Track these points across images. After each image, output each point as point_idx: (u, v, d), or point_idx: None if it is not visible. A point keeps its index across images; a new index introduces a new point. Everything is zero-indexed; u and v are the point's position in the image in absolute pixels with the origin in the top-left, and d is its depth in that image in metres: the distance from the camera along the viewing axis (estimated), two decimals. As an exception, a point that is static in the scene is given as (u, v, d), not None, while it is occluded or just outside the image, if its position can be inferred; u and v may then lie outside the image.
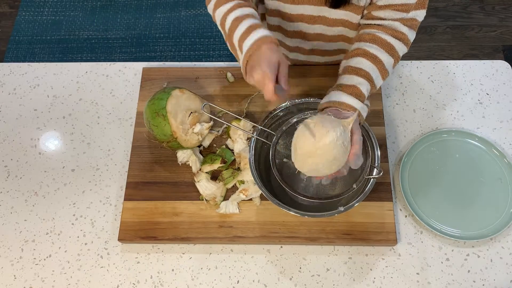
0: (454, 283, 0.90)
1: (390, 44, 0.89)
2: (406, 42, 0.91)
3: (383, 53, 0.89)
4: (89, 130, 1.09)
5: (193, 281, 0.92)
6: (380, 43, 0.89)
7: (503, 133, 1.05)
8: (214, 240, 0.94)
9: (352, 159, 0.79)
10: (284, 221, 0.94)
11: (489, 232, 0.93)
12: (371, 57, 0.88)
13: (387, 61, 0.89)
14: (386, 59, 0.89)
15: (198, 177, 0.98)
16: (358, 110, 0.84)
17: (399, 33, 0.90)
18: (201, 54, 2.22)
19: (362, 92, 0.85)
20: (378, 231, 0.92)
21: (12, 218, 1.00)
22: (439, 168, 1.00)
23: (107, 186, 1.02)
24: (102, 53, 2.24)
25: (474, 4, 2.28)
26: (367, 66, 0.87)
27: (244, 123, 1.01)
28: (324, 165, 0.78)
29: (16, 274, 0.94)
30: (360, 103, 0.85)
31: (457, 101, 1.09)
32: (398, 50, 0.90)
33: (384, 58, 0.89)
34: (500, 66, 1.13)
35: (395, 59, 0.91)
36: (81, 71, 1.17)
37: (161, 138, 0.97)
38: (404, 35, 0.90)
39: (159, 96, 0.97)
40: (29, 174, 1.05)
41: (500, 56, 2.13)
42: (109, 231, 0.98)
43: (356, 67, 0.87)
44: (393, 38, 0.90)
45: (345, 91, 0.85)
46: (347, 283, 0.91)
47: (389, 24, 0.90)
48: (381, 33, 0.90)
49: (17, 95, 1.15)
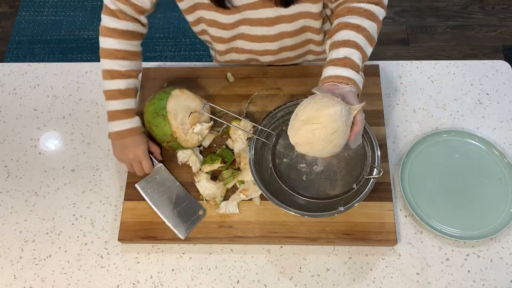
0: (454, 283, 0.90)
1: (368, 10, 0.87)
2: (382, 5, 0.89)
3: (364, 20, 0.87)
4: (89, 130, 1.09)
5: (193, 281, 0.92)
6: (357, 12, 0.87)
7: (503, 133, 1.05)
8: (214, 240, 0.94)
9: (353, 137, 0.78)
10: (284, 221, 0.94)
11: (489, 232, 0.93)
12: (354, 27, 0.86)
13: (371, 26, 0.87)
14: (369, 25, 0.87)
15: (198, 177, 0.98)
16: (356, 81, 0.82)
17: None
18: (201, 54, 2.22)
19: (355, 62, 0.83)
20: (378, 231, 0.92)
21: (12, 218, 1.00)
22: (439, 168, 1.00)
23: (107, 186, 1.02)
24: (102, 53, 2.24)
25: (474, 4, 2.28)
26: (352, 36, 0.85)
27: (244, 123, 1.01)
28: (321, 138, 0.75)
29: (16, 274, 0.94)
30: (356, 74, 0.83)
31: (457, 101, 1.09)
32: (377, 14, 0.88)
33: (367, 24, 0.86)
34: (500, 66, 1.13)
35: (377, 23, 0.88)
36: (81, 71, 1.17)
37: (161, 138, 0.97)
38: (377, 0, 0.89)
39: (159, 96, 0.97)
40: (29, 174, 1.05)
41: (500, 56, 2.13)
42: (109, 231, 0.98)
43: (341, 40, 0.85)
44: (369, 4, 0.87)
45: (338, 65, 0.83)
46: (347, 283, 0.91)
47: None
48: (355, 3, 0.88)
49: (17, 95, 1.15)
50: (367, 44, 0.87)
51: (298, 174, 0.93)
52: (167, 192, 0.97)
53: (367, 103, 0.85)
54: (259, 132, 0.93)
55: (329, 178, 0.93)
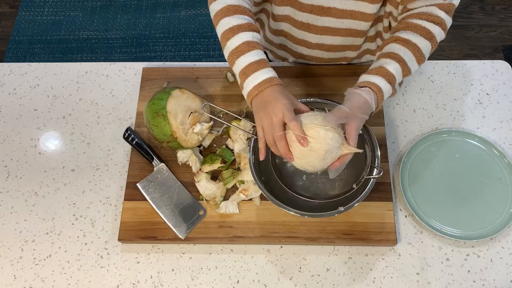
0: (454, 283, 0.90)
1: (425, 28, 0.85)
2: (443, 26, 0.87)
3: (416, 37, 0.84)
4: (89, 130, 1.09)
5: (193, 281, 0.92)
6: (414, 28, 0.85)
7: (503, 133, 1.05)
8: (214, 240, 0.94)
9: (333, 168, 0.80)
10: (284, 221, 0.94)
11: (489, 232, 0.93)
12: (402, 41, 0.85)
13: (423, 44, 0.85)
14: (421, 42, 0.85)
15: (198, 177, 0.98)
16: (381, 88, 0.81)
17: (435, 17, 0.85)
18: (201, 54, 2.22)
19: (389, 71, 0.82)
20: (378, 231, 0.92)
21: (12, 218, 1.00)
22: (439, 168, 1.00)
23: (107, 186, 1.02)
24: (102, 53, 2.24)
25: (474, 4, 2.28)
26: (397, 49, 0.84)
27: (244, 123, 1.01)
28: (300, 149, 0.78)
29: (16, 274, 0.94)
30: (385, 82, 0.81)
31: (457, 101, 1.09)
32: (435, 34, 0.86)
33: (418, 41, 0.84)
34: (500, 66, 1.13)
35: (433, 43, 0.86)
36: (81, 71, 1.17)
37: (161, 138, 0.97)
38: (440, 19, 0.86)
39: (159, 96, 0.97)
40: (29, 174, 1.05)
41: (500, 56, 2.13)
42: (109, 231, 0.98)
43: (385, 52, 0.85)
44: (428, 22, 0.85)
45: (370, 73, 0.83)
46: (347, 283, 0.91)
47: (424, 10, 0.87)
48: (416, 19, 0.86)
49: (17, 95, 1.15)
50: (413, 60, 0.85)
51: (298, 174, 0.93)
52: (168, 191, 0.97)
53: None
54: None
55: (329, 178, 0.93)
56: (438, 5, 0.86)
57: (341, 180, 0.93)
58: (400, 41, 0.85)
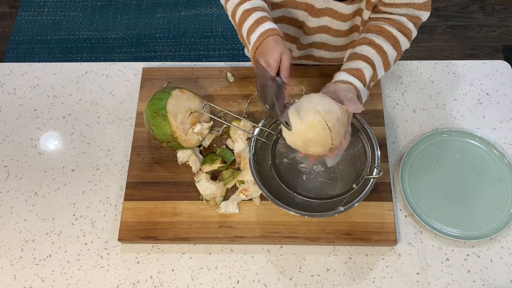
0: (454, 283, 0.90)
1: (396, 37, 0.90)
2: (410, 38, 0.92)
3: (388, 45, 0.90)
4: (89, 130, 1.09)
5: (193, 281, 0.92)
6: (386, 35, 0.90)
7: (503, 133, 1.05)
8: (214, 240, 0.94)
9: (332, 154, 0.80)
10: (284, 221, 0.94)
11: (489, 232, 0.93)
12: (377, 47, 0.89)
13: (391, 53, 0.90)
14: (390, 52, 0.90)
15: (198, 177, 0.98)
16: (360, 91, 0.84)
17: (405, 28, 0.91)
18: (201, 54, 2.22)
19: (365, 77, 0.86)
20: (378, 231, 0.92)
21: (12, 218, 1.00)
22: (439, 168, 1.00)
23: (107, 186, 1.02)
24: (102, 53, 2.24)
25: (474, 4, 2.28)
26: (372, 54, 0.88)
27: (244, 123, 1.01)
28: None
29: (16, 274, 0.94)
30: (360, 84, 0.85)
31: (457, 101, 1.09)
32: (402, 44, 0.91)
33: (389, 50, 0.90)
34: (500, 66, 1.13)
35: (398, 53, 0.92)
36: (81, 71, 1.17)
37: (161, 138, 0.97)
38: (409, 31, 0.91)
39: (159, 96, 0.97)
40: (29, 174, 1.05)
41: (500, 56, 2.13)
42: (109, 231, 0.98)
43: (361, 54, 0.88)
44: (399, 32, 0.90)
45: (350, 73, 0.86)
46: (347, 283, 0.91)
47: (396, 18, 0.91)
48: (388, 25, 0.91)
49: (17, 95, 1.15)
50: (382, 68, 0.90)
51: (298, 174, 0.93)
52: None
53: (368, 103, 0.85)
54: (259, 132, 0.93)
55: (329, 178, 0.93)
56: (408, 16, 0.91)
57: (341, 180, 0.93)
58: (374, 46, 0.89)
